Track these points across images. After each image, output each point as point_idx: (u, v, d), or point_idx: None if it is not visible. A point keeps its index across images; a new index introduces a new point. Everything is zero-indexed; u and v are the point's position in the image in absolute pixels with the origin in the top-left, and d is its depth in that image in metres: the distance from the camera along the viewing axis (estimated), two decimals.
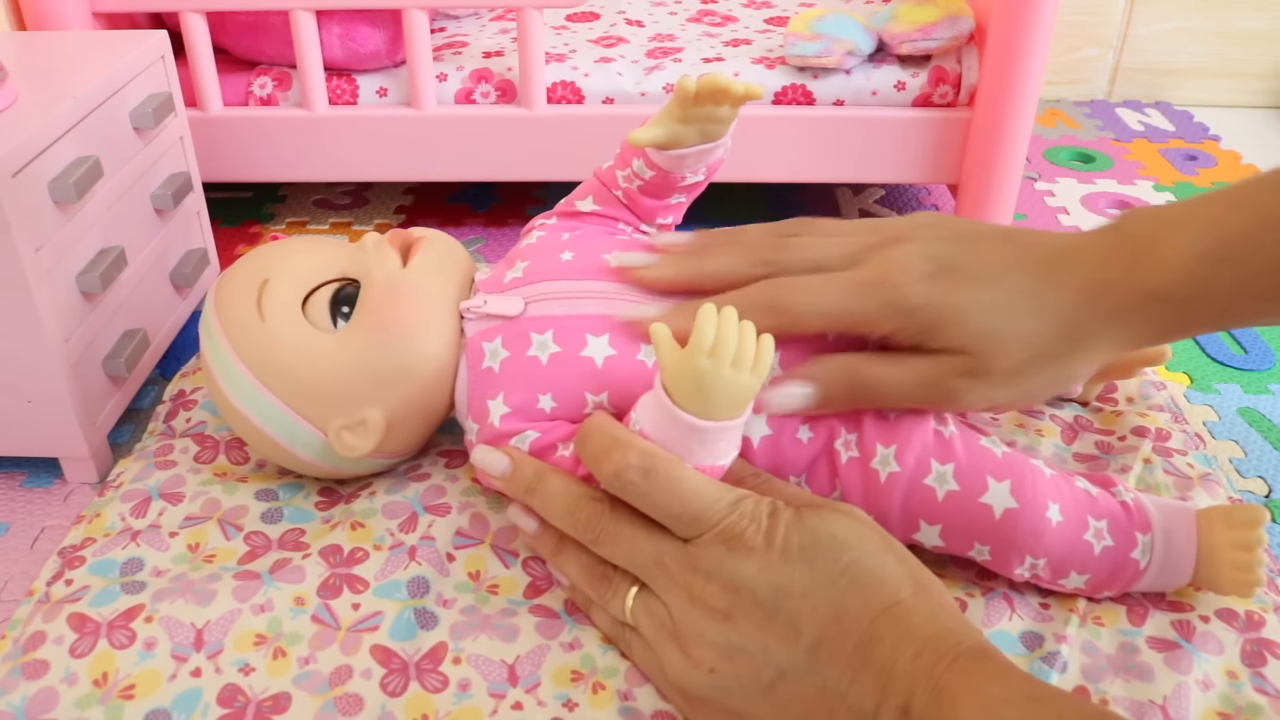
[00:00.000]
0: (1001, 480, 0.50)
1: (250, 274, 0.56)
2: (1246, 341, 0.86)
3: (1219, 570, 0.50)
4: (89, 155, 0.66)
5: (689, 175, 0.58)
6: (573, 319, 0.53)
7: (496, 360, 0.54)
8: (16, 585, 0.60)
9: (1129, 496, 0.52)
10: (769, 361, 0.45)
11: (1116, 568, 0.50)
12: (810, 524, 0.44)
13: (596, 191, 0.60)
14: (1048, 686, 0.39)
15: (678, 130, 0.54)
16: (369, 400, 0.54)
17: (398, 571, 0.52)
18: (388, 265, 0.55)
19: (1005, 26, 0.90)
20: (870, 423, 0.52)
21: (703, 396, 0.44)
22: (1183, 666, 0.47)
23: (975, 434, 0.53)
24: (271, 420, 0.55)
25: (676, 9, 1.18)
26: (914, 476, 0.50)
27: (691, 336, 0.44)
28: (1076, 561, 0.50)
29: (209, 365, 0.56)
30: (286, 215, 1.10)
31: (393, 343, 0.54)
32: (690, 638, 0.44)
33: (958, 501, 0.50)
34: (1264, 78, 1.39)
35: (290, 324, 0.54)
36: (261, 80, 0.99)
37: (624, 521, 0.47)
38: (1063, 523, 0.50)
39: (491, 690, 0.47)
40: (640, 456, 0.45)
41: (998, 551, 0.50)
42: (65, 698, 0.46)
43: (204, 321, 0.57)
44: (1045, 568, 0.50)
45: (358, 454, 0.55)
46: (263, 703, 0.46)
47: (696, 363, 0.44)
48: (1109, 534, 0.50)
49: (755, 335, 0.45)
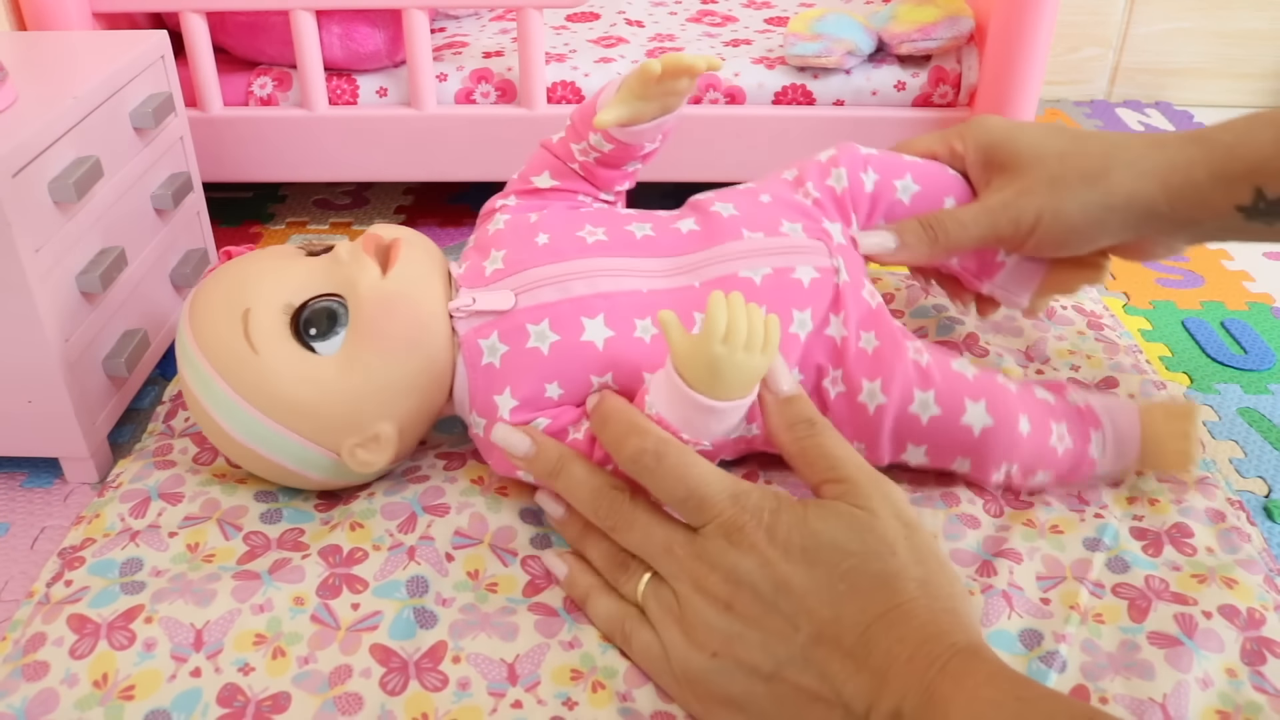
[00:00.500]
0: (977, 400, 0.55)
1: (228, 304, 0.54)
2: (1246, 341, 0.86)
3: (1161, 453, 0.58)
4: (89, 155, 0.66)
5: (647, 145, 0.59)
6: (565, 304, 0.54)
7: (496, 355, 0.54)
8: (16, 585, 0.60)
9: (1080, 400, 0.58)
10: (777, 340, 0.48)
11: (1076, 463, 0.57)
12: (814, 526, 0.44)
13: (553, 166, 0.61)
14: (1037, 686, 0.39)
15: (639, 107, 0.56)
16: (379, 416, 0.54)
17: (397, 571, 0.52)
18: (369, 276, 0.54)
19: (1005, 26, 0.90)
20: (853, 359, 0.55)
21: (717, 380, 0.47)
22: (1183, 664, 0.47)
23: (947, 358, 0.56)
24: (280, 449, 0.54)
25: (676, 9, 1.18)
26: (900, 406, 0.55)
27: (704, 324, 0.46)
28: (1044, 463, 0.57)
29: (201, 405, 0.54)
30: (286, 215, 1.10)
31: (394, 357, 0.53)
32: (694, 623, 0.45)
33: (940, 424, 0.55)
34: (1264, 78, 1.39)
35: (285, 353, 0.53)
36: (261, 80, 0.99)
37: (640, 510, 0.49)
38: (1031, 432, 0.56)
39: (491, 689, 0.47)
40: (656, 442, 0.48)
41: (977, 464, 0.56)
42: (65, 699, 0.46)
43: (187, 359, 0.55)
44: (1018, 472, 0.57)
45: (374, 468, 0.55)
46: (262, 702, 0.46)
47: (711, 349, 0.46)
48: (1069, 435, 0.57)
49: (763, 315, 0.47)
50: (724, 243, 0.57)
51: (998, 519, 0.57)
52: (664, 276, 0.56)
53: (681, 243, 0.57)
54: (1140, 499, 0.58)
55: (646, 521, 0.48)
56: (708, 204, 0.59)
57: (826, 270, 0.56)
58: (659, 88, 0.55)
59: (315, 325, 0.53)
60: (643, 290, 0.55)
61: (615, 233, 0.57)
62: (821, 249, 0.57)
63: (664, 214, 0.60)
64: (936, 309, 0.72)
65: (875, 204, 0.61)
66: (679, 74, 0.54)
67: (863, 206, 0.61)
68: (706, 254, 0.56)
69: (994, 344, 0.69)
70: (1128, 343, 0.72)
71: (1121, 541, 0.55)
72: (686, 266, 0.56)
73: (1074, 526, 0.56)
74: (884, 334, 0.56)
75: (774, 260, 0.56)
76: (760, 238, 0.57)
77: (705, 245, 0.57)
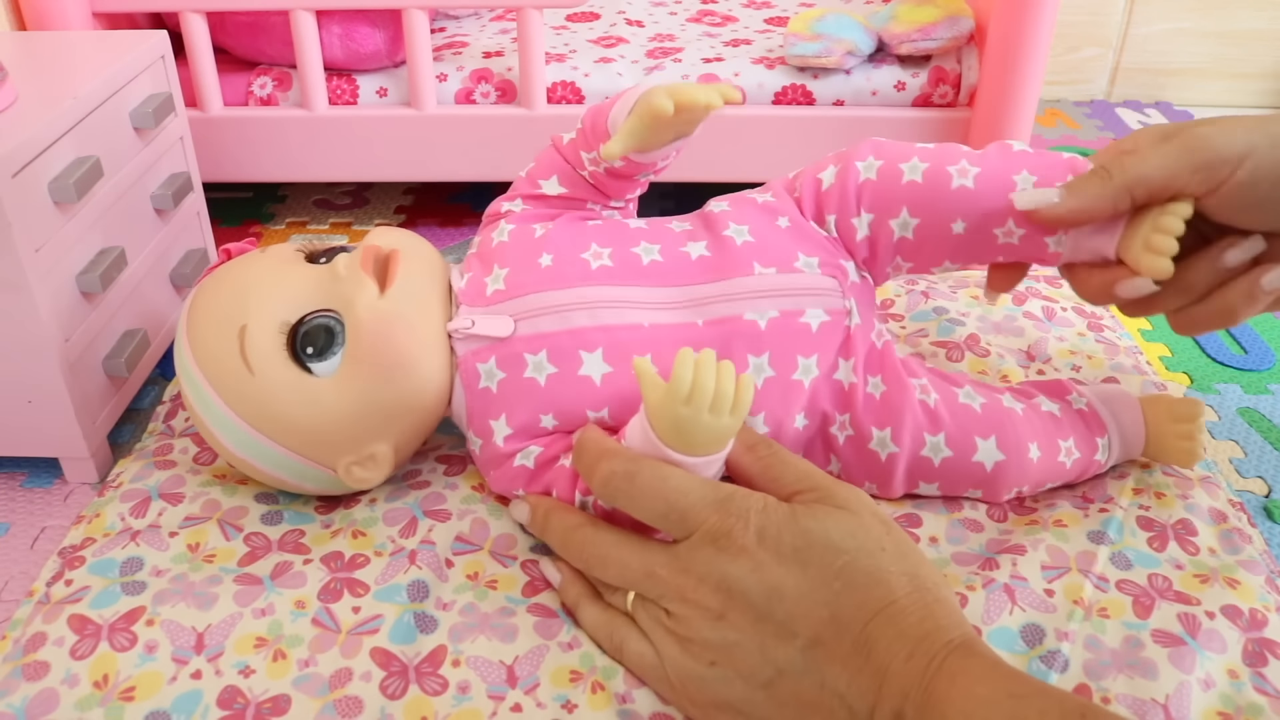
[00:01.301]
0: (987, 437, 0.55)
1: (225, 319, 0.53)
2: (1246, 341, 0.86)
3: (1165, 449, 0.58)
4: (89, 155, 0.65)
5: (660, 163, 0.58)
6: (564, 335, 0.53)
7: (493, 381, 0.53)
8: (17, 585, 0.60)
9: (1083, 403, 0.58)
10: (748, 401, 0.46)
11: (1084, 470, 0.58)
12: (804, 525, 0.44)
13: (562, 171, 0.59)
14: (1032, 682, 0.39)
15: (649, 138, 0.53)
16: (375, 436, 0.54)
17: (398, 576, 0.52)
18: (367, 295, 0.53)
19: (1005, 26, 0.90)
20: (861, 406, 0.54)
21: (682, 438, 0.46)
22: (1186, 664, 0.47)
23: (953, 392, 0.56)
24: (276, 465, 0.54)
25: (676, 9, 1.18)
26: (912, 452, 0.55)
27: (670, 383, 0.45)
28: (1053, 477, 0.57)
29: (199, 415, 0.54)
30: (286, 215, 1.10)
31: (391, 379, 0.53)
32: (688, 636, 0.44)
33: (953, 464, 0.55)
34: (1264, 78, 1.39)
35: (281, 374, 0.52)
36: (261, 80, 0.99)
37: (608, 545, 0.48)
38: (1041, 456, 0.56)
39: (491, 692, 0.47)
40: (624, 463, 0.46)
41: (989, 493, 0.57)
42: (66, 699, 0.46)
43: (185, 373, 0.54)
44: (1028, 491, 0.57)
45: (369, 485, 0.55)
46: (262, 704, 0.46)
47: (675, 410, 0.45)
48: (1077, 449, 0.57)
49: (734, 376, 0.46)
50: (733, 277, 0.55)
51: (1001, 524, 0.57)
52: (668, 309, 0.54)
53: (690, 271, 0.55)
54: (1146, 490, 0.58)
55: (618, 554, 0.47)
56: (721, 224, 0.57)
57: (837, 313, 0.55)
58: (672, 120, 0.52)
59: (312, 344, 0.53)
60: (644, 325, 0.54)
61: (621, 256, 0.56)
62: (834, 289, 0.55)
63: (674, 226, 0.58)
64: (937, 311, 0.72)
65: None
66: (693, 111, 0.52)
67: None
68: (714, 288, 0.55)
69: (995, 345, 0.69)
70: (1128, 344, 0.72)
71: (1126, 535, 0.55)
72: (692, 300, 0.55)
73: (1078, 521, 0.56)
74: (890, 377, 0.55)
75: (782, 303, 0.54)
76: (772, 274, 0.55)
77: (714, 277, 0.55)
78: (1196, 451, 0.58)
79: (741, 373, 0.46)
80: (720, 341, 0.53)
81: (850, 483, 0.54)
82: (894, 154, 0.56)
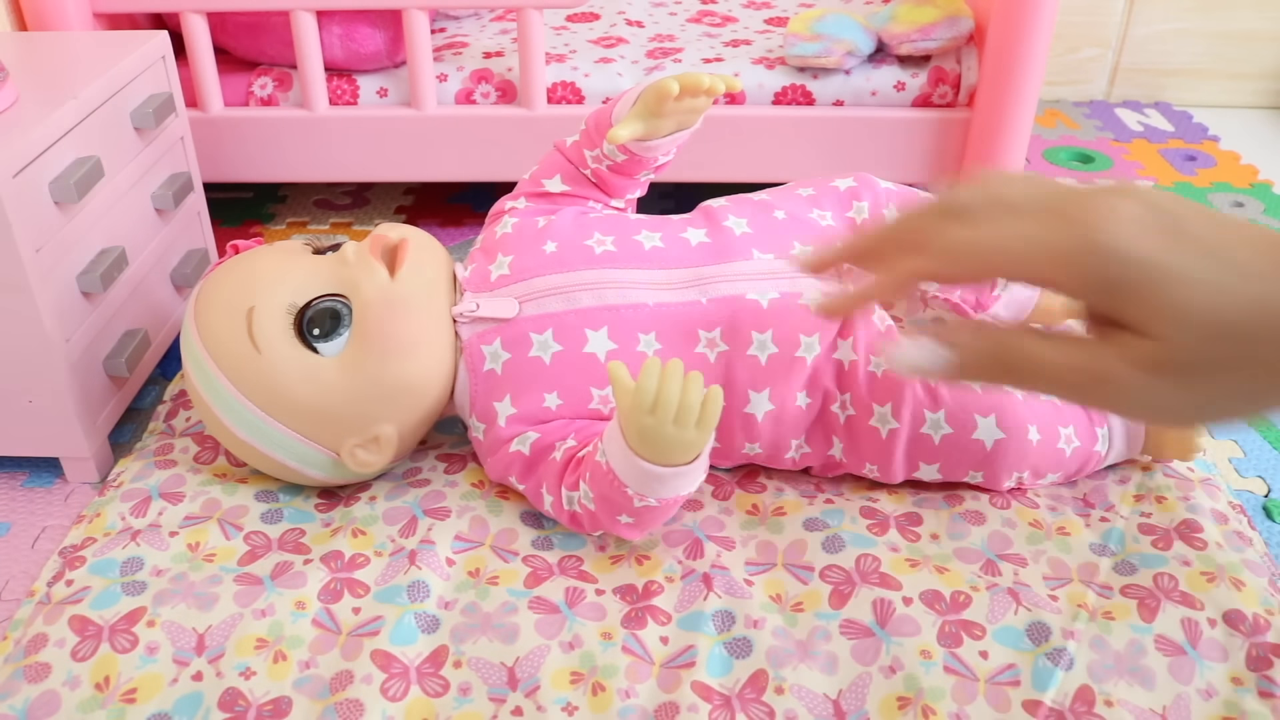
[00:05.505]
0: (987, 415, 0.55)
1: (233, 301, 0.54)
2: None
3: (1164, 442, 0.60)
4: (90, 155, 0.65)
5: (660, 157, 0.59)
6: (570, 314, 0.54)
7: (498, 362, 0.54)
8: (17, 585, 0.60)
9: None
10: (716, 414, 0.46)
11: (1084, 461, 0.58)
12: None
13: (565, 170, 0.61)
14: None
15: (654, 124, 0.56)
16: (380, 418, 0.54)
17: (398, 576, 0.52)
18: (376, 279, 0.54)
19: (1005, 26, 0.90)
20: (862, 383, 0.55)
21: (649, 447, 0.47)
22: (1185, 675, 0.47)
23: None
24: (280, 447, 0.55)
25: (676, 9, 1.18)
26: (912, 429, 0.55)
27: (635, 391, 0.45)
28: (1052, 465, 0.57)
29: (204, 399, 0.55)
30: (287, 215, 1.10)
31: (397, 360, 0.53)
32: None
33: (953, 442, 0.56)
34: (1264, 78, 1.39)
35: (288, 353, 0.53)
36: (262, 80, 0.99)
37: None
38: (1041, 439, 0.56)
39: (491, 694, 0.47)
40: None
41: (990, 475, 0.57)
42: (67, 701, 0.46)
43: (191, 353, 0.55)
44: (1029, 477, 0.58)
45: (374, 469, 0.55)
46: (263, 707, 0.46)
47: (639, 419, 0.46)
48: (1076, 437, 0.58)
49: (702, 388, 0.46)
50: (733, 261, 0.56)
51: (1004, 511, 0.57)
52: (671, 289, 0.55)
53: (690, 255, 0.57)
54: (1147, 496, 0.58)
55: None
56: (720, 216, 0.58)
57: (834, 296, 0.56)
58: (675, 105, 0.54)
59: (318, 325, 0.53)
60: (649, 303, 0.55)
61: (623, 242, 0.57)
62: None
63: (674, 219, 0.60)
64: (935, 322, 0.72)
65: None
66: (696, 94, 0.54)
67: None
68: (715, 269, 0.56)
69: None
70: None
71: (1128, 545, 0.55)
72: (694, 280, 0.56)
73: (1080, 530, 0.56)
74: None
75: (782, 284, 0.55)
76: (770, 259, 0.56)
77: (714, 260, 0.56)
78: (1195, 443, 0.59)
79: (711, 385, 0.47)
80: (725, 318, 0.54)
81: (851, 465, 0.56)
82: None
